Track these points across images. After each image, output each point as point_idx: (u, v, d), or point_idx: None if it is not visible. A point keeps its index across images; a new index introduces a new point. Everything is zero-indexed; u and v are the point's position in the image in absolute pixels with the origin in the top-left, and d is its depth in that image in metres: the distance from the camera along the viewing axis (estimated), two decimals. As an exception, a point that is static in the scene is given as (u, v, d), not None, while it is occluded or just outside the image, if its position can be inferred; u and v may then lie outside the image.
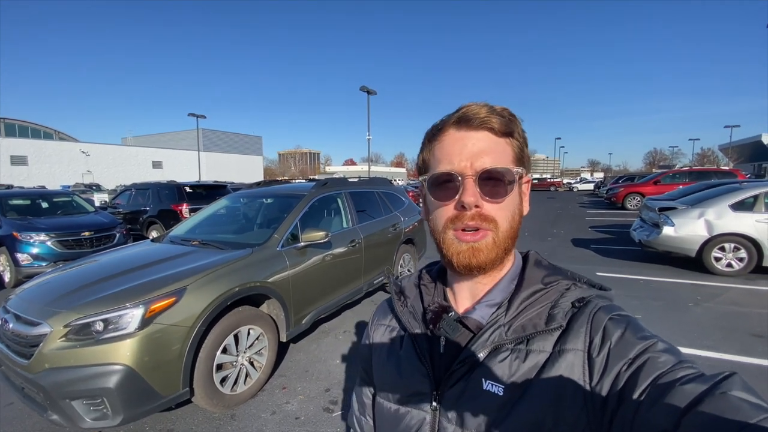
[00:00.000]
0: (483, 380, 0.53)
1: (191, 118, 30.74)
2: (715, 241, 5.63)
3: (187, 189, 9.21)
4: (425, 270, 0.71)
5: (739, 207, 5.64)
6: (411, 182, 43.41)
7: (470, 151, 0.54)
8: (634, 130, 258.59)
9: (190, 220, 4.11)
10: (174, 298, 2.31)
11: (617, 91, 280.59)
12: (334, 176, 5.24)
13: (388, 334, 0.69)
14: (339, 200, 4.20)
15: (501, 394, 0.51)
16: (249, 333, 2.76)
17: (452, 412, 0.55)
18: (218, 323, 2.52)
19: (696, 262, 5.78)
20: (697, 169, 16.15)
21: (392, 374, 0.63)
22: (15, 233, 5.76)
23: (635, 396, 0.42)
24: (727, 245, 5.60)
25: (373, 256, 4.27)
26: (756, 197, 5.61)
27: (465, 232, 0.54)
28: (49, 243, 5.85)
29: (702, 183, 8.75)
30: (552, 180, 47.04)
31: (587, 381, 0.48)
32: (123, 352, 2.08)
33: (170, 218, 8.56)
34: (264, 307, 3.01)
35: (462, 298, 0.62)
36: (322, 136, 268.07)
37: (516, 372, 0.52)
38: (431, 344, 0.61)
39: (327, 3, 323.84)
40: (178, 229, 3.85)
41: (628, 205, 15.74)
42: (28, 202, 7.01)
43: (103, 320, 2.13)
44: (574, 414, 0.47)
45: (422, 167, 0.62)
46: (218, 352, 2.51)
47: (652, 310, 4.27)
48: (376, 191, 4.96)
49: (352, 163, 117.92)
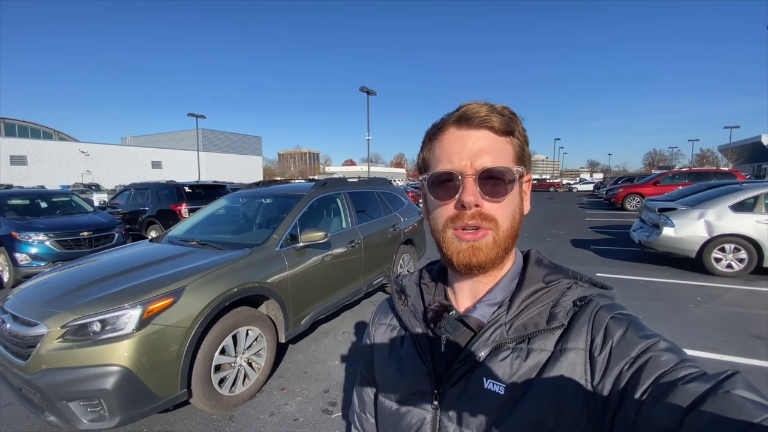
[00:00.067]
0: (484, 379, 0.53)
1: (191, 118, 30.78)
2: (715, 241, 5.62)
3: (186, 189, 9.20)
4: (426, 269, 0.71)
5: (740, 208, 5.63)
6: (410, 182, 43.42)
7: (470, 150, 0.54)
8: (633, 130, 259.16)
9: (188, 220, 4.10)
10: (172, 299, 2.30)
11: (617, 92, 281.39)
12: (334, 176, 5.23)
13: (389, 333, 0.69)
14: (338, 200, 4.19)
15: (502, 393, 0.51)
16: (247, 334, 2.75)
17: (453, 411, 0.54)
18: (216, 324, 2.51)
19: (696, 263, 5.77)
20: (696, 170, 16.19)
21: (393, 373, 0.63)
22: (14, 233, 5.74)
23: (637, 395, 0.41)
24: (727, 246, 5.60)
25: (372, 256, 4.25)
26: (756, 198, 5.60)
27: (465, 231, 0.54)
28: (47, 243, 5.84)
29: (702, 184, 8.75)
30: (551, 181, 47.09)
31: (589, 380, 0.47)
32: (120, 353, 2.07)
33: (169, 218, 8.55)
34: (263, 308, 3.00)
35: (463, 297, 0.61)
36: (322, 137, 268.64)
37: (517, 371, 0.51)
38: (432, 343, 0.60)
39: (327, 3, 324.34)
40: (177, 229, 3.84)
41: (628, 206, 15.76)
42: (27, 201, 6.99)
43: (101, 321, 2.12)
44: (575, 413, 0.47)
45: (422, 166, 0.62)
46: (216, 353, 2.49)
47: (652, 311, 4.26)
48: (375, 191, 4.95)
49: (351, 163, 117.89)
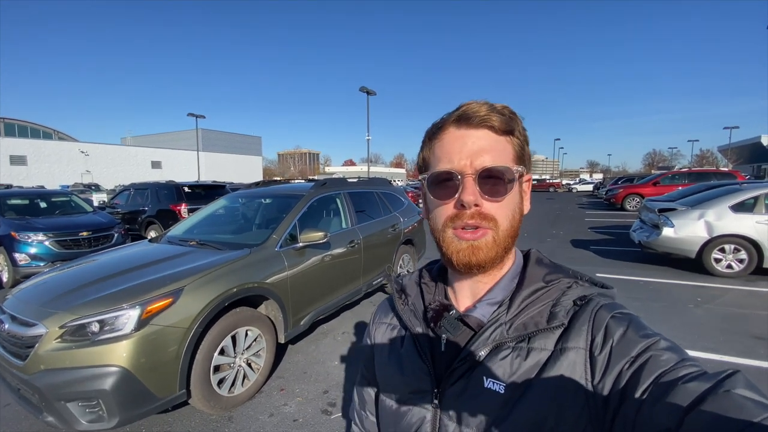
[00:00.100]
0: (484, 378, 0.52)
1: (190, 118, 30.74)
2: (715, 242, 5.62)
3: (186, 189, 9.19)
4: (426, 269, 0.71)
5: (739, 208, 5.63)
6: (410, 183, 43.42)
7: (470, 149, 0.54)
8: (633, 131, 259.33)
9: (188, 220, 4.09)
10: (171, 299, 2.29)
11: (616, 92, 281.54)
12: (333, 176, 5.24)
13: (389, 332, 0.69)
14: (338, 200, 4.18)
15: (502, 392, 0.51)
16: (247, 334, 2.74)
17: (453, 410, 0.54)
18: (216, 324, 2.50)
19: (696, 264, 5.76)
20: (696, 171, 16.21)
21: (394, 372, 0.64)
22: (13, 233, 5.73)
23: (637, 394, 0.41)
24: (727, 246, 5.59)
25: (372, 256, 4.25)
26: (756, 198, 5.60)
27: (465, 231, 0.54)
28: (47, 243, 5.82)
29: (702, 184, 8.74)
30: (551, 181, 47.09)
31: (589, 379, 0.47)
32: (119, 354, 2.06)
33: (169, 218, 8.54)
34: (262, 308, 2.99)
35: (463, 297, 0.61)
36: (322, 137, 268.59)
37: (517, 370, 0.51)
38: (432, 342, 0.60)
39: (327, 3, 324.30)
40: (176, 229, 3.83)
41: (628, 206, 15.77)
42: (26, 201, 6.98)
43: (99, 321, 2.11)
44: (575, 412, 0.47)
45: (422, 166, 0.62)
46: (215, 354, 2.48)
47: (652, 312, 4.25)
48: (375, 192, 4.95)
49: (351, 163, 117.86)
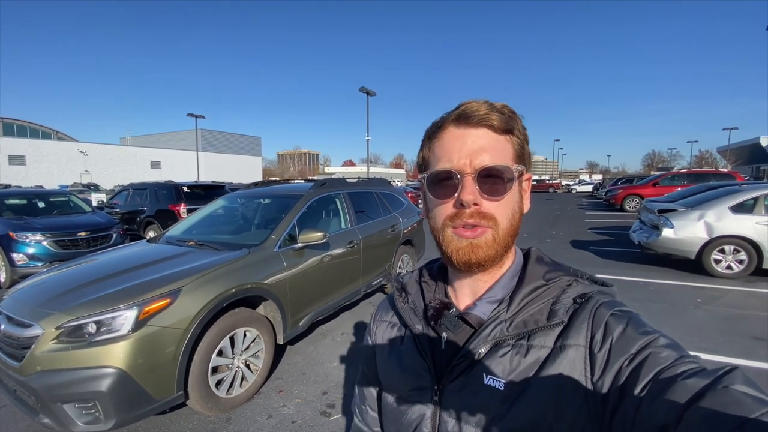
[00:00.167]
0: (484, 375, 0.53)
1: (190, 118, 30.64)
2: (714, 243, 5.61)
3: (185, 189, 9.17)
4: (426, 267, 0.71)
5: (739, 209, 5.62)
6: (410, 183, 43.44)
7: (469, 148, 0.54)
8: (632, 132, 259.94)
9: (186, 220, 4.07)
10: (168, 300, 2.27)
11: (616, 93, 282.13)
12: (333, 177, 5.23)
13: (389, 330, 0.70)
14: (337, 201, 4.17)
15: (502, 389, 0.51)
16: (245, 335, 2.72)
17: (453, 406, 0.55)
18: (214, 325, 2.48)
19: (696, 265, 5.75)
20: (695, 171, 16.21)
21: (394, 370, 0.64)
22: (11, 233, 5.70)
23: (636, 391, 0.42)
24: (726, 247, 5.58)
25: (371, 257, 4.23)
26: (756, 199, 5.59)
27: (464, 229, 0.54)
28: (45, 243, 5.80)
29: (701, 185, 8.75)
30: (551, 182, 47.13)
31: (588, 376, 0.48)
32: (116, 355, 2.04)
33: (168, 218, 8.51)
34: (261, 309, 2.97)
35: (463, 295, 0.61)
36: (322, 137, 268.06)
37: (517, 367, 0.51)
38: (432, 340, 0.61)
39: (326, 3, 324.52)
40: (175, 230, 3.81)
41: (627, 207, 15.77)
42: (24, 201, 6.96)
43: (96, 322, 2.10)
44: (575, 409, 0.47)
45: (422, 165, 0.62)
46: (214, 355, 2.47)
47: (651, 313, 4.24)
48: (374, 192, 4.93)
49: (351, 164, 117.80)
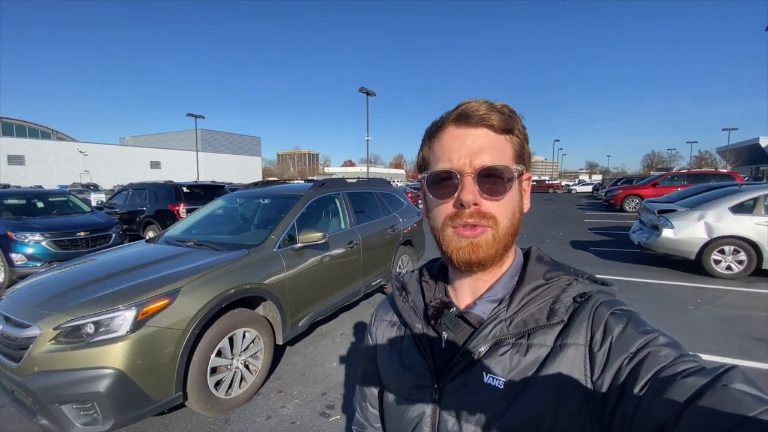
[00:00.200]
0: (484, 374, 0.53)
1: (190, 118, 30.59)
2: (714, 243, 5.61)
3: (185, 189, 9.17)
4: (426, 267, 0.71)
5: (739, 209, 5.62)
6: (410, 183, 43.46)
7: (469, 148, 0.54)
8: (632, 132, 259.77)
9: (185, 220, 4.06)
10: (167, 300, 2.26)
11: (615, 94, 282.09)
12: (333, 177, 5.23)
13: (390, 329, 0.70)
14: (337, 201, 4.16)
15: (501, 387, 0.51)
16: (244, 336, 2.71)
17: (453, 404, 0.55)
18: (213, 326, 2.48)
19: (695, 265, 5.75)
20: (695, 172, 16.20)
21: (395, 368, 0.64)
22: (9, 233, 5.68)
23: (636, 390, 0.42)
24: (726, 248, 5.58)
25: (371, 257, 4.23)
26: (755, 200, 5.59)
27: (464, 228, 0.54)
28: (43, 243, 5.78)
29: (701, 185, 8.75)
30: (550, 182, 47.15)
31: (588, 375, 0.48)
32: (114, 356, 2.03)
33: (167, 218, 8.50)
34: (260, 310, 2.96)
35: (463, 295, 0.61)
36: (321, 137, 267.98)
37: (517, 366, 0.52)
38: (432, 339, 0.61)
39: (327, 4, 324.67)
40: (174, 230, 3.80)
41: (627, 207, 15.77)
42: (23, 201, 6.94)
43: (94, 323, 2.09)
44: (574, 408, 0.47)
45: (422, 164, 0.62)
46: (212, 356, 2.46)
47: (651, 313, 4.24)
48: (374, 192, 4.93)
49: (351, 164, 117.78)
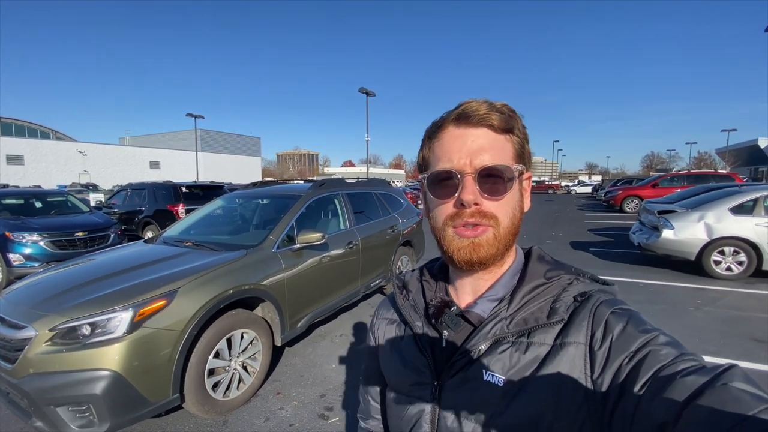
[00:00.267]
0: (483, 371, 0.53)
1: (189, 118, 30.55)
2: (714, 244, 5.59)
3: (184, 189, 9.15)
4: (427, 266, 0.71)
5: (739, 210, 5.61)
6: (409, 184, 43.44)
7: (469, 148, 0.54)
8: (631, 133, 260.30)
9: (184, 220, 4.04)
10: (165, 301, 2.24)
11: (615, 94, 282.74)
12: (332, 177, 5.22)
13: (390, 327, 0.70)
14: (336, 201, 4.14)
15: (501, 385, 0.51)
16: (242, 337, 2.69)
17: (452, 402, 0.55)
18: (210, 327, 2.46)
19: (695, 266, 5.74)
20: (695, 173, 16.19)
21: (396, 366, 0.65)
22: (7, 233, 5.66)
23: (636, 389, 0.42)
24: (726, 249, 5.57)
25: (370, 258, 4.21)
26: (756, 201, 5.58)
27: (465, 228, 0.54)
28: (41, 243, 5.76)
29: (701, 186, 8.74)
30: (550, 183, 47.15)
31: (588, 374, 0.48)
32: (110, 357, 2.01)
33: (166, 219, 8.47)
34: (258, 310, 2.94)
35: (464, 294, 0.61)
36: (321, 138, 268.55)
37: (516, 364, 0.52)
38: (433, 338, 0.61)
39: (327, 4, 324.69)
40: (172, 230, 3.78)
41: (627, 208, 15.76)
42: (21, 201, 6.91)
43: (91, 324, 2.06)
44: (574, 407, 0.47)
45: (422, 165, 0.63)
46: (210, 357, 2.44)
47: (652, 314, 4.22)
48: (374, 192, 4.91)
49: (350, 164, 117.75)
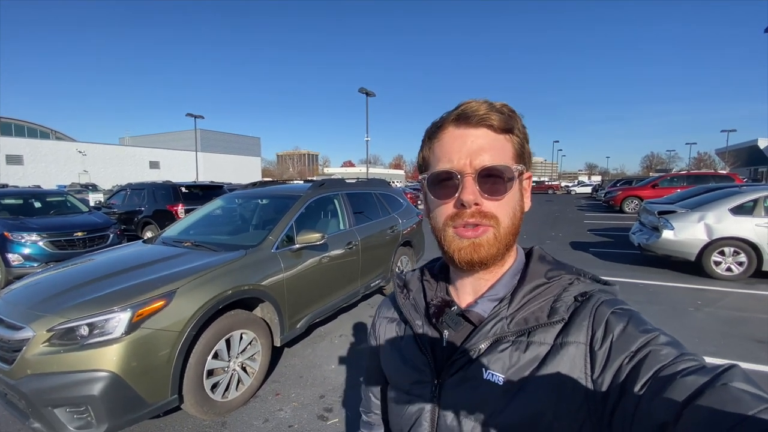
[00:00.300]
0: (483, 370, 0.53)
1: (189, 118, 30.52)
2: (714, 245, 5.59)
3: (183, 189, 9.14)
4: (427, 266, 0.72)
5: (739, 211, 5.60)
6: (409, 184, 43.44)
7: (469, 148, 0.54)
8: (631, 133, 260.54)
9: (183, 220, 4.03)
10: (163, 302, 2.23)
11: (615, 95, 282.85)
12: (332, 177, 5.20)
13: (390, 326, 0.71)
14: (336, 201, 4.13)
15: (501, 383, 0.51)
16: (242, 337, 2.68)
17: (452, 400, 0.55)
18: (209, 327, 2.44)
19: (695, 266, 5.73)
20: (695, 173, 16.19)
21: (396, 364, 0.65)
22: (6, 233, 5.65)
23: (636, 389, 0.42)
24: (726, 249, 5.56)
25: (370, 258, 4.20)
26: (756, 201, 5.58)
27: (465, 228, 0.54)
28: (40, 243, 5.75)
29: (701, 186, 8.73)
30: (550, 183, 47.16)
31: (589, 374, 0.48)
32: (108, 358, 2.00)
33: (165, 219, 8.46)
34: (257, 311, 2.93)
35: (464, 294, 0.62)
36: (321, 138, 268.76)
37: (516, 363, 0.52)
38: (433, 337, 0.61)
39: (327, 4, 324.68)
40: (171, 230, 3.77)
41: (626, 209, 15.76)
42: (20, 201, 6.90)
43: (89, 324, 2.05)
44: (574, 407, 0.47)
45: (422, 165, 0.62)
46: (209, 358, 2.43)
47: (652, 315, 4.21)
48: (373, 193, 4.90)
49: (350, 164, 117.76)
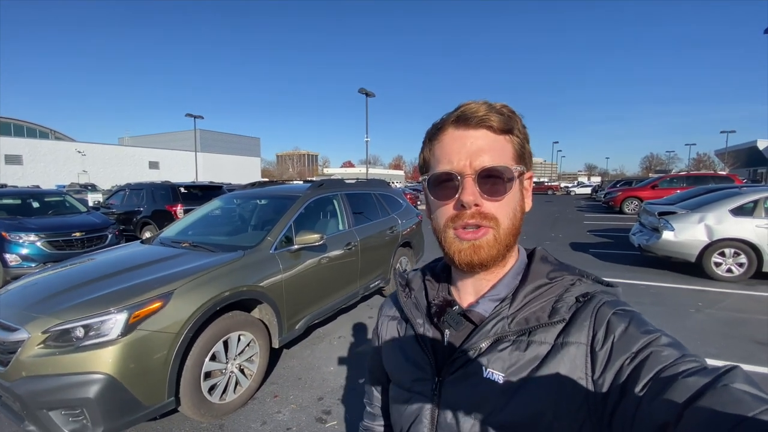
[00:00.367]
0: (483, 369, 0.53)
1: (189, 118, 30.51)
2: (715, 246, 5.57)
3: (182, 190, 9.12)
4: (429, 266, 0.72)
5: (739, 212, 5.59)
6: (409, 184, 43.45)
7: (469, 149, 0.54)
8: (630, 134, 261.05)
9: (181, 221, 4.01)
10: (160, 303, 2.21)
11: (615, 95, 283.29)
12: (331, 178, 5.19)
13: (392, 324, 0.71)
14: (335, 202, 4.11)
15: (501, 382, 0.52)
16: (239, 339, 2.66)
17: (452, 398, 0.55)
18: (207, 329, 2.42)
19: (696, 267, 5.72)
20: (694, 174, 16.19)
21: (398, 362, 0.66)
22: (4, 233, 5.63)
23: (637, 390, 0.41)
24: (727, 250, 5.55)
25: (369, 259, 4.18)
26: (756, 202, 5.56)
27: (466, 230, 0.54)
28: (38, 243, 5.72)
29: (701, 187, 8.72)
30: (549, 184, 47.18)
31: (589, 374, 0.47)
32: (104, 360, 1.97)
33: (164, 219, 8.44)
34: (256, 312, 2.91)
35: (466, 294, 0.62)
36: (321, 138, 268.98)
37: (517, 362, 0.52)
38: (434, 335, 0.62)
39: (327, 5, 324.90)
40: (169, 231, 3.75)
41: (626, 209, 15.76)
42: (18, 201, 6.88)
43: (84, 326, 2.03)
44: (574, 407, 0.47)
45: (423, 166, 0.62)
46: (206, 360, 2.40)
47: (652, 316, 4.16)
48: (373, 193, 4.88)
49: (350, 165, 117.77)
